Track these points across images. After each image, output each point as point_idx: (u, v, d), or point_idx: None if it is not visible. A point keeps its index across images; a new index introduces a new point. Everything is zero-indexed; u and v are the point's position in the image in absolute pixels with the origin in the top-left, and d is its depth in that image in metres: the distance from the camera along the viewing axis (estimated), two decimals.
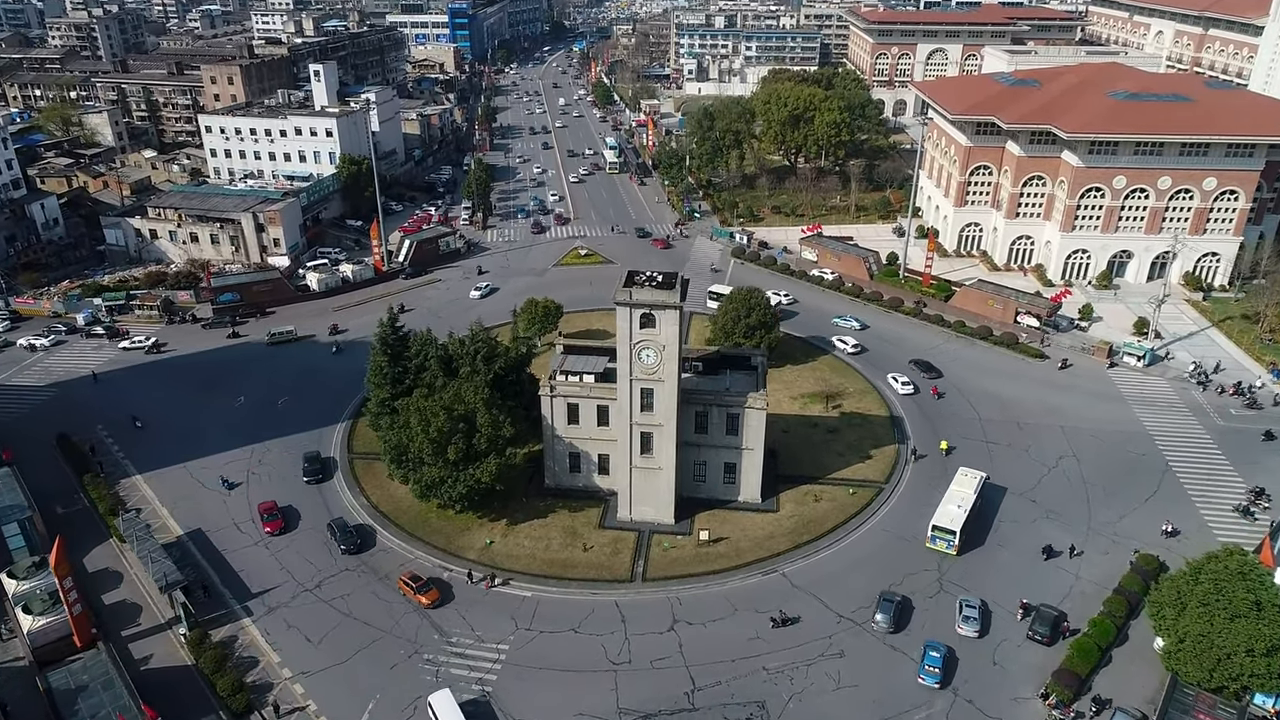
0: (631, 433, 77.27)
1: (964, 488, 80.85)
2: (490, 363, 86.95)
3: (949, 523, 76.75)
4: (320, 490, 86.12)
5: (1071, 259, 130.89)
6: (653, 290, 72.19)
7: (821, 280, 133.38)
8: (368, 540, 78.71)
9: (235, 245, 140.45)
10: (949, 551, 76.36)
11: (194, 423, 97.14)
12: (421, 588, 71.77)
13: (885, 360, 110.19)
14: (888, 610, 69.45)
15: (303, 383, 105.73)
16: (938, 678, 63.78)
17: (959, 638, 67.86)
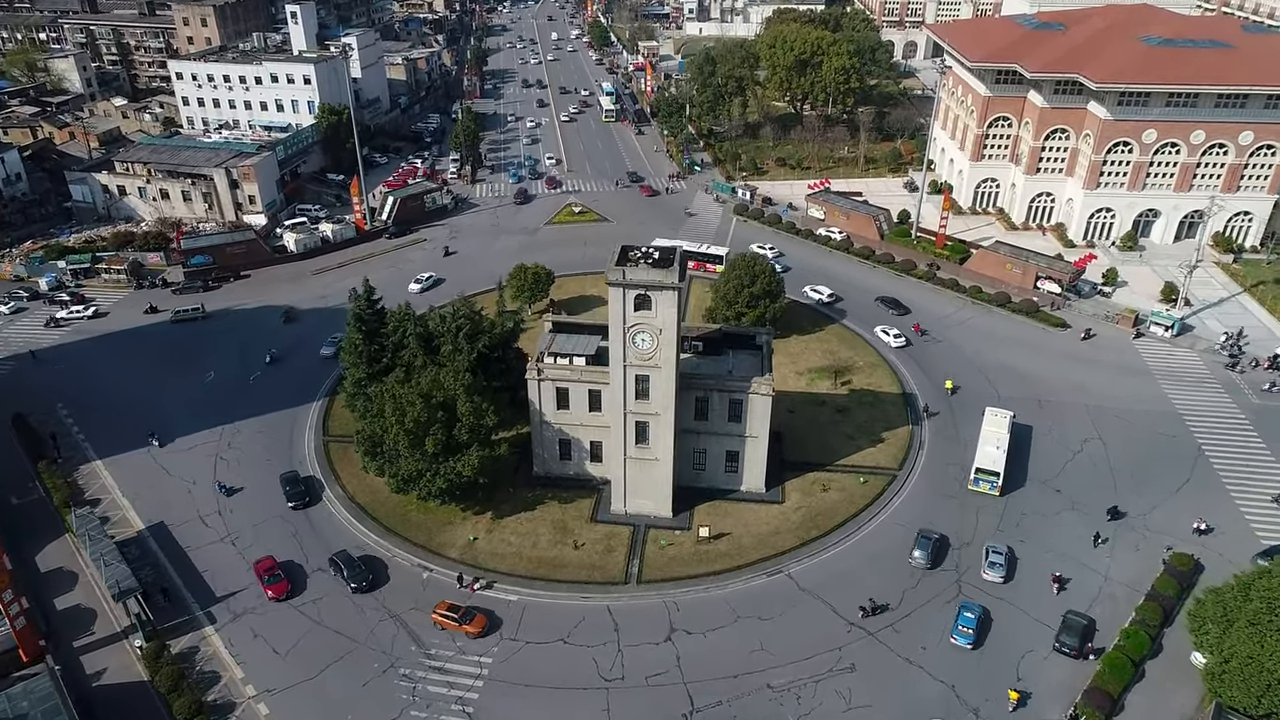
0: (626, 422, 71.15)
1: (997, 427, 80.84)
2: (474, 340, 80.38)
3: (991, 464, 77.03)
4: (308, 515, 77.02)
5: (1095, 218, 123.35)
6: (648, 269, 65.33)
7: (829, 240, 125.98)
8: (380, 575, 69.32)
9: (208, 203, 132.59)
10: (992, 493, 76.78)
11: (160, 401, 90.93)
12: (464, 617, 64.11)
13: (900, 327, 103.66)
14: (925, 547, 70.42)
15: (280, 355, 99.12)
16: (970, 638, 62.64)
17: (986, 582, 68.18)
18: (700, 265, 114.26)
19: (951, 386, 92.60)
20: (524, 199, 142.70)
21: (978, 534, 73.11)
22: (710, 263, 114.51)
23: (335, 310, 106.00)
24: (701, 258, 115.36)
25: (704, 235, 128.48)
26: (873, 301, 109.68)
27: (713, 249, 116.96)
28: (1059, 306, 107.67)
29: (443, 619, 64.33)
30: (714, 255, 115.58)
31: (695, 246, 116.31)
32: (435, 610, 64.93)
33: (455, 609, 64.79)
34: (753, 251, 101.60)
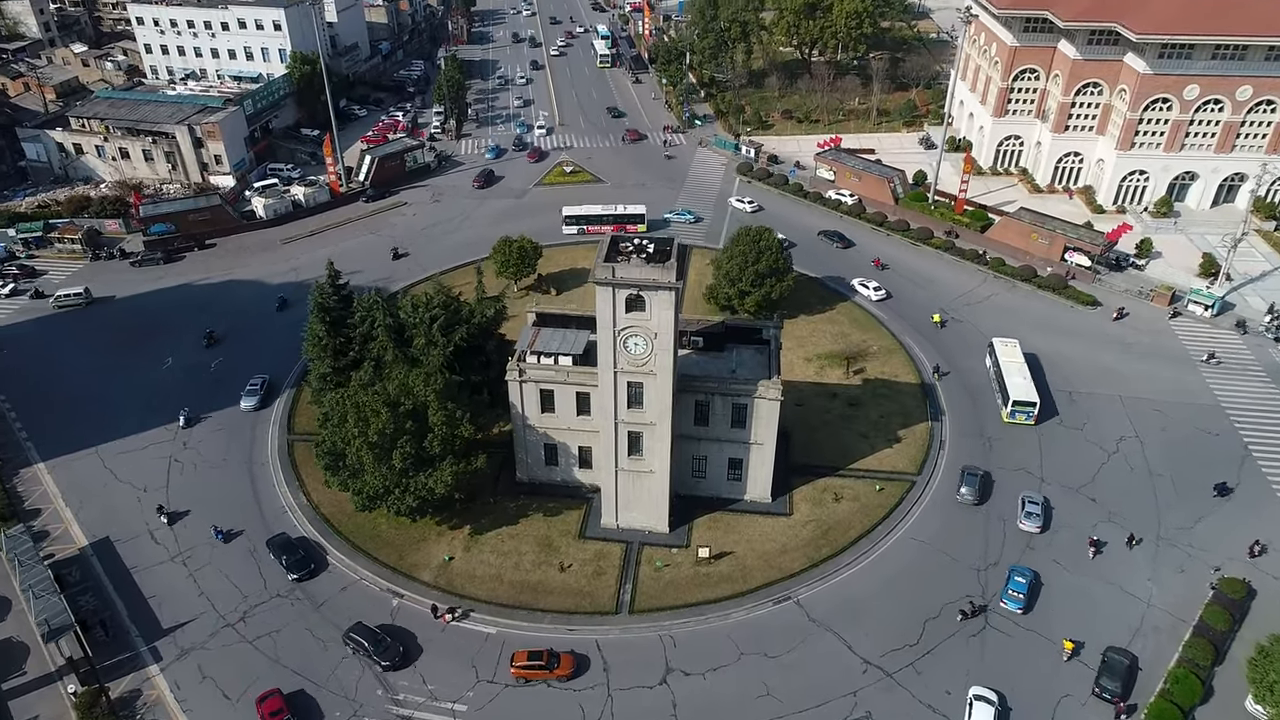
0: (617, 431, 63.72)
1: (1012, 357, 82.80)
2: (450, 332, 72.57)
3: (1026, 395, 78.19)
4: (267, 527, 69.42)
5: (1127, 181, 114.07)
6: (642, 265, 57.11)
7: (840, 205, 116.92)
8: (413, 648, 59.57)
9: (171, 163, 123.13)
10: (1028, 422, 78.07)
11: (111, 392, 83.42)
12: (549, 662, 57.39)
13: (914, 310, 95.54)
14: (972, 483, 70.79)
15: (243, 337, 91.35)
16: (1021, 603, 61.53)
17: (1020, 532, 67.56)
18: (619, 228, 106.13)
19: (939, 320, 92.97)
20: (483, 183, 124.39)
21: (1004, 554, 66.29)
22: (630, 223, 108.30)
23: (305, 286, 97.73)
24: (618, 219, 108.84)
25: (704, 199, 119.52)
26: (816, 236, 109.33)
27: (629, 208, 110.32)
28: (1072, 275, 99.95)
29: (525, 671, 57.14)
30: (632, 215, 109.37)
31: (607, 209, 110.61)
32: (513, 664, 57.52)
33: (536, 655, 57.46)
34: (757, 226, 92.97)
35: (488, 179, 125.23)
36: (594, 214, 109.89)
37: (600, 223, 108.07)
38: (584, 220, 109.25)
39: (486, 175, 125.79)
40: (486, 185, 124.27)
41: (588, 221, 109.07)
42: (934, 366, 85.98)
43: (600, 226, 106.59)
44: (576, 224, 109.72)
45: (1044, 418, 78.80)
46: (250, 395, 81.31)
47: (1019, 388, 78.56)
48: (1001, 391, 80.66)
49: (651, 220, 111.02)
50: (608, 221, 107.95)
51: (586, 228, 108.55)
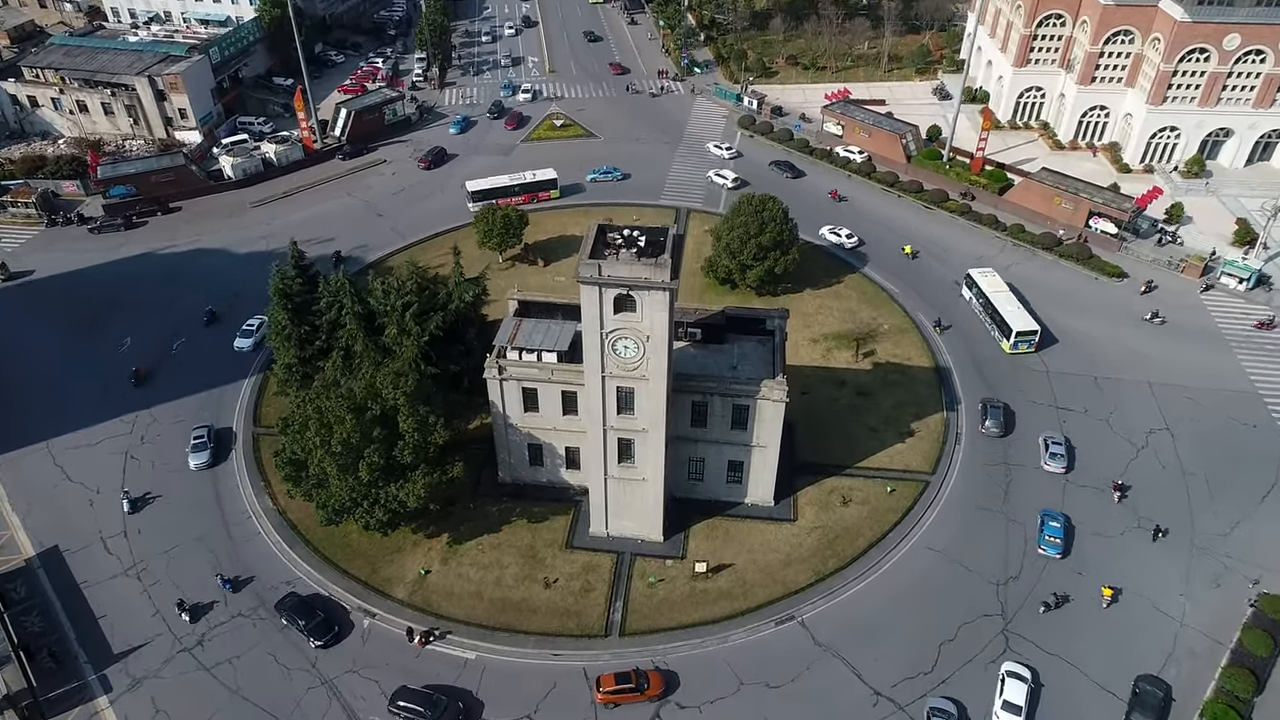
0: (606, 438, 58.03)
1: (997, 287, 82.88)
2: (425, 320, 66.41)
3: (1027, 324, 78.74)
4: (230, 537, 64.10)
5: (1156, 138, 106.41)
6: (632, 261, 50.62)
7: (848, 163, 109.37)
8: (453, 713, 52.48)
9: (133, 117, 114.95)
10: (1029, 350, 78.51)
11: (63, 378, 77.50)
12: (639, 684, 52.96)
13: (927, 286, 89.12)
14: (996, 416, 71.25)
15: (211, 315, 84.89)
16: (1059, 548, 61.23)
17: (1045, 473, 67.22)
18: (531, 197, 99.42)
19: (910, 251, 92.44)
20: (429, 162, 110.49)
21: (1025, 567, 61.31)
22: (541, 190, 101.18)
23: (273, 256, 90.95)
24: (528, 188, 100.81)
25: (702, 157, 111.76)
26: (769, 166, 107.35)
27: (539, 175, 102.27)
28: (1084, 239, 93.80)
29: (614, 696, 52.63)
30: (542, 182, 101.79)
31: (514, 179, 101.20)
32: (599, 689, 52.87)
33: (624, 678, 52.94)
34: (761, 194, 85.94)
35: (437, 158, 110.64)
36: (501, 186, 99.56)
37: (509, 194, 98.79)
38: (490, 194, 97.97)
39: (436, 154, 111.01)
40: (436, 165, 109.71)
41: (495, 195, 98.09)
42: (935, 320, 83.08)
43: (510, 199, 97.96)
44: (483, 199, 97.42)
45: (1044, 345, 79.75)
46: (198, 451, 69.30)
47: (1018, 317, 79.01)
48: (997, 324, 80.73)
49: (567, 185, 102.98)
50: (516, 192, 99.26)
51: (496, 201, 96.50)
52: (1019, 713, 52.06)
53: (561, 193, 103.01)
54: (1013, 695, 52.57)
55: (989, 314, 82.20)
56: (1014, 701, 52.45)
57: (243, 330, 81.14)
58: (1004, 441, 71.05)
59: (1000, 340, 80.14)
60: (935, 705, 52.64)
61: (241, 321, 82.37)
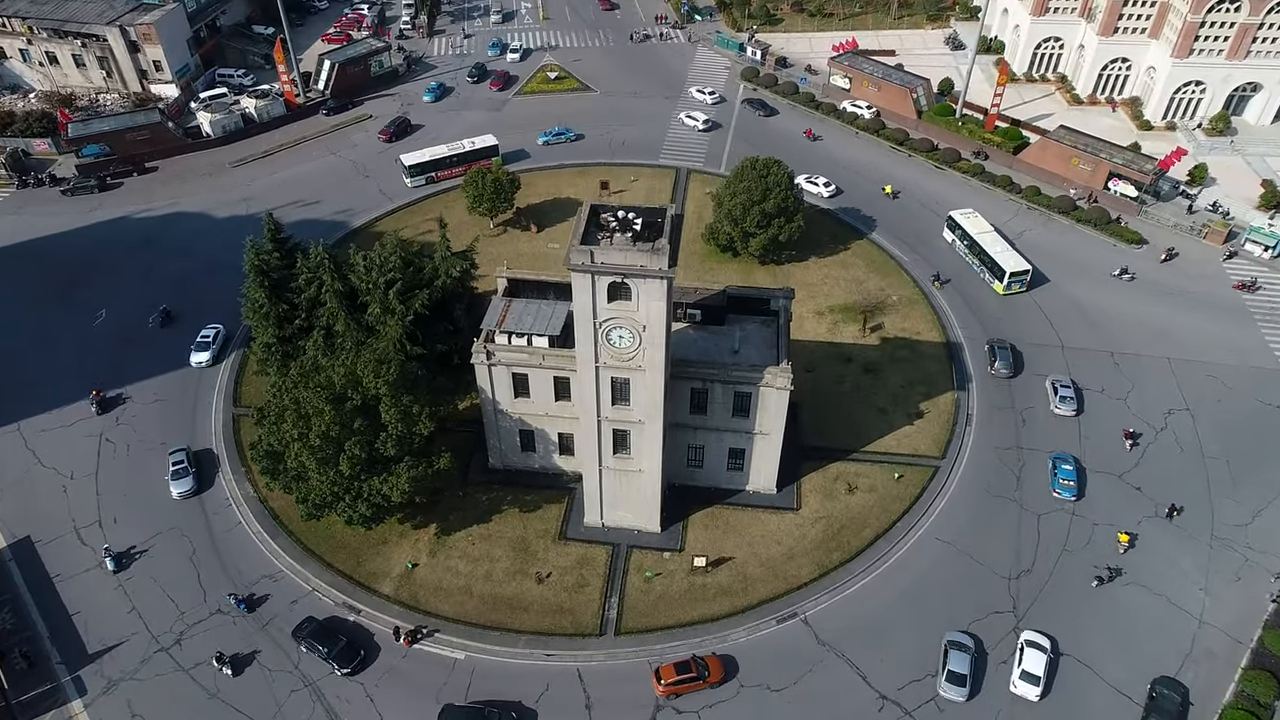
0: (600, 430, 54.97)
1: (981, 228, 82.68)
2: (409, 298, 62.83)
3: (1018, 265, 78.83)
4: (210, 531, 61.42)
5: (1180, 93, 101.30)
6: (627, 246, 46.90)
7: (856, 119, 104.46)
8: None
9: (106, 70, 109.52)
10: (1021, 290, 78.88)
11: (36, 353, 74.12)
12: (700, 671, 51.26)
13: (908, 228, 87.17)
14: (1005, 357, 71.65)
15: (188, 283, 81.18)
16: (1073, 490, 61.75)
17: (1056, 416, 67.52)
18: (470, 166, 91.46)
19: (891, 191, 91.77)
20: (398, 134, 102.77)
21: (1038, 558, 58.80)
22: (482, 158, 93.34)
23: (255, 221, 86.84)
24: (467, 158, 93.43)
25: (704, 106, 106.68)
26: (740, 104, 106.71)
27: (478, 142, 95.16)
28: (1093, 198, 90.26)
29: (676, 687, 50.82)
30: (482, 150, 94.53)
31: (453, 149, 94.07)
32: (661, 681, 50.84)
33: (684, 667, 51.19)
34: (765, 157, 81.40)
35: (400, 130, 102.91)
36: (439, 158, 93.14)
37: (448, 166, 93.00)
38: (429, 168, 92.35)
39: (399, 125, 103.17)
40: (397, 139, 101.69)
41: (434, 168, 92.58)
42: (933, 275, 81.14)
43: (450, 170, 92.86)
44: (421, 174, 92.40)
45: (1037, 283, 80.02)
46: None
47: (1008, 258, 79.15)
48: (986, 266, 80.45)
49: (509, 151, 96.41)
50: (456, 163, 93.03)
51: (436, 174, 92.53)
52: (1037, 683, 51.11)
53: (546, 154, 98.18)
54: (1031, 665, 51.62)
55: (976, 256, 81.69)
56: (1033, 671, 51.43)
57: (198, 343, 73.18)
58: (1013, 385, 70.23)
59: (992, 282, 79.72)
60: (953, 639, 52.88)
61: (203, 319, 75.89)
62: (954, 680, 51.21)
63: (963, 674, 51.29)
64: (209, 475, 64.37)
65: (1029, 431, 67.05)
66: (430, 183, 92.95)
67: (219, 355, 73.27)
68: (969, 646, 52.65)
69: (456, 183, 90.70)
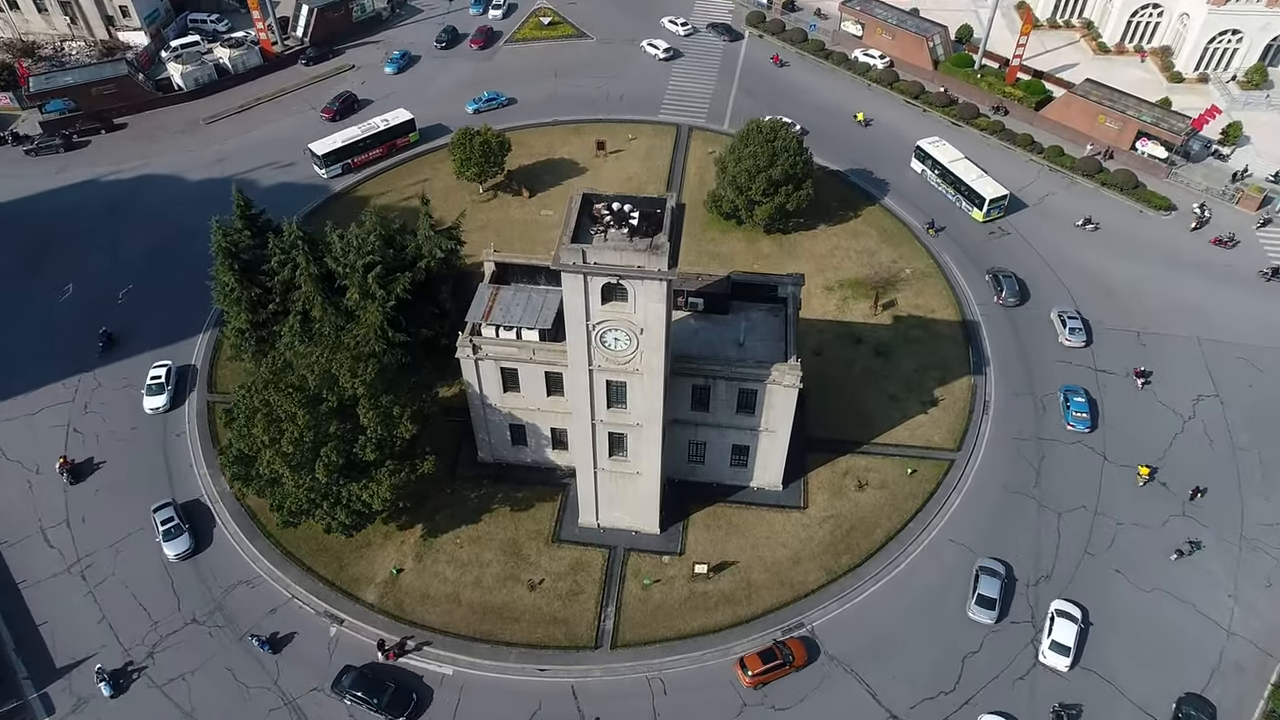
0: (595, 433, 51.23)
1: (953, 155, 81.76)
2: (390, 283, 58.51)
3: (997, 190, 78.06)
4: None
5: (1214, 43, 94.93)
6: (623, 244, 42.41)
7: (868, 69, 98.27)
8: None
9: (69, 15, 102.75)
10: (999, 215, 78.73)
11: None
12: (784, 657, 49.96)
13: (879, 158, 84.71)
14: (1010, 285, 71.67)
15: (162, 253, 76.61)
16: (1086, 423, 62.17)
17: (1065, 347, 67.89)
18: (388, 146, 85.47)
19: (863, 119, 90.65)
20: (343, 111, 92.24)
21: (1059, 562, 55.69)
22: (399, 136, 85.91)
23: None
24: (383, 137, 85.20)
25: (709, 58, 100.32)
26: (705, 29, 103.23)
27: (393, 118, 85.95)
28: (1110, 155, 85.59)
29: (764, 676, 49.43)
30: (399, 127, 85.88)
31: (366, 130, 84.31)
32: (749, 674, 49.32)
33: (769, 655, 49.87)
34: (771, 119, 76.13)
35: (347, 106, 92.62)
36: (353, 141, 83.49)
37: (365, 150, 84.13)
38: (343, 155, 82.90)
39: (345, 101, 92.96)
40: (342, 116, 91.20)
41: (349, 154, 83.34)
42: (928, 223, 78.89)
43: (367, 154, 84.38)
44: (335, 162, 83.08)
45: (1014, 208, 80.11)
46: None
47: (986, 185, 78.42)
48: (963, 195, 80.00)
49: (427, 126, 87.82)
50: (372, 145, 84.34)
51: (353, 160, 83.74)
52: (1067, 653, 50.32)
53: (538, 110, 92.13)
54: (1062, 635, 50.87)
55: (950, 185, 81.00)
56: (1063, 642, 50.61)
57: (150, 385, 64.06)
58: (1020, 315, 70.50)
59: (970, 210, 79.39)
60: (984, 565, 54.02)
61: (169, 303, 70.36)
62: (984, 604, 52.22)
63: (992, 598, 52.23)
64: (183, 467, 60.86)
65: (1040, 369, 66.86)
66: (347, 171, 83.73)
67: (176, 397, 64.66)
68: (999, 572, 53.67)
69: (443, 143, 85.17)
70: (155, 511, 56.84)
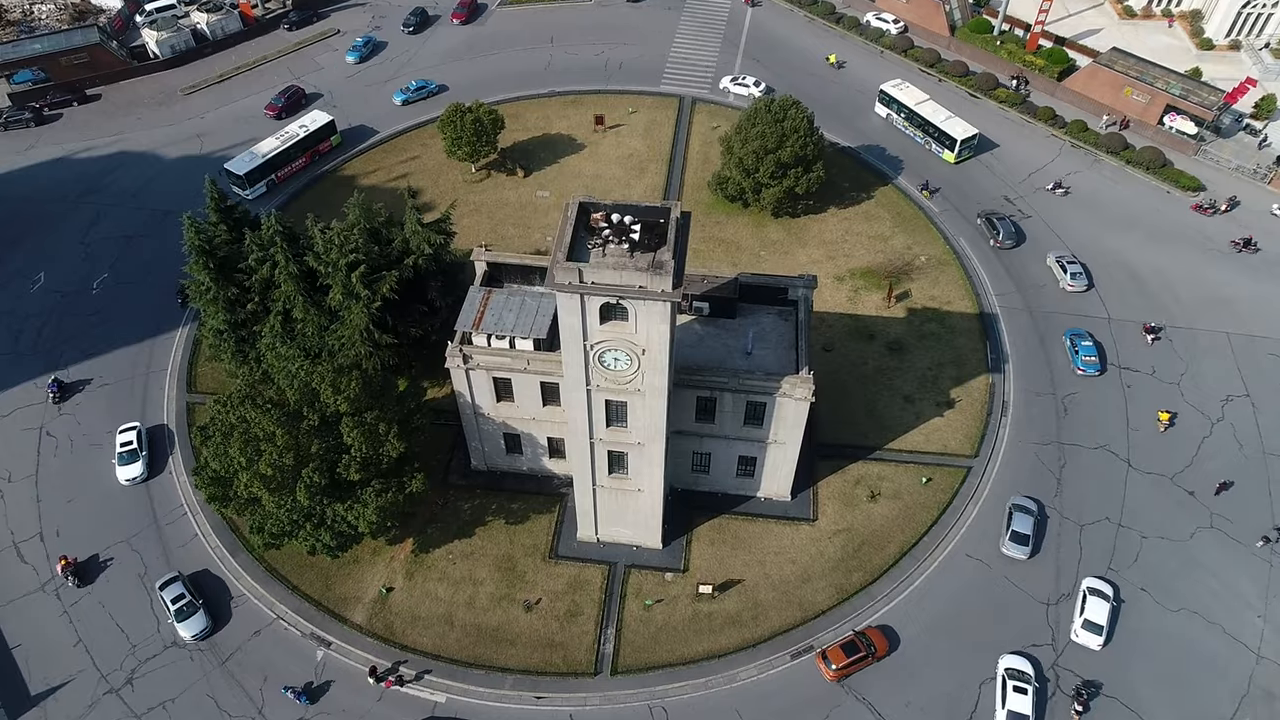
0: (594, 451, 48.16)
1: (918, 97, 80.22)
2: (375, 282, 54.95)
3: (967, 131, 77.34)
4: (161, 541, 57.04)
5: (1248, 7, 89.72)
6: (623, 261, 38.79)
7: (882, 36, 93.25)
8: None
9: None
10: (970, 155, 78.41)
11: None
12: (867, 647, 49.02)
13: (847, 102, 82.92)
14: (1007, 227, 71.50)
15: (139, 240, 73.00)
16: (1096, 366, 62.51)
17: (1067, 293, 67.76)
18: (310, 155, 77.93)
19: (835, 61, 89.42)
20: (287, 108, 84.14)
21: (1079, 579, 53.04)
22: (319, 142, 78.42)
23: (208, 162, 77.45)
24: (305, 146, 77.22)
25: (713, 22, 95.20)
26: None
27: (310, 122, 77.88)
28: (1126, 125, 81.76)
29: (847, 670, 48.50)
30: (319, 132, 77.73)
31: (286, 141, 75.98)
32: (833, 668, 48.19)
33: (851, 648, 48.84)
34: (781, 97, 71.27)
35: (291, 103, 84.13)
36: (274, 155, 74.99)
37: (288, 162, 76.09)
38: (262, 174, 73.92)
39: (291, 96, 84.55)
40: (288, 113, 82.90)
41: (270, 171, 74.75)
42: (922, 184, 76.67)
43: (291, 166, 76.50)
44: (259, 180, 74.66)
45: (983, 148, 79.65)
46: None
47: (956, 125, 77.67)
48: (933, 137, 79.01)
49: (349, 128, 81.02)
50: (296, 155, 76.46)
51: (277, 175, 75.72)
52: (1100, 632, 49.55)
53: (517, 89, 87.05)
54: (1094, 614, 50.06)
55: (918, 128, 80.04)
56: (1095, 621, 49.82)
57: (122, 453, 57.31)
58: (1019, 258, 70.46)
59: (941, 153, 78.70)
60: (1017, 502, 54.88)
61: (144, 299, 66.27)
62: (1017, 540, 53.16)
63: (1026, 534, 53.17)
64: (162, 476, 57.98)
65: (1044, 303, 66.95)
66: (272, 187, 75.60)
67: (152, 463, 58.21)
68: (1032, 509, 54.63)
69: (434, 115, 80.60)
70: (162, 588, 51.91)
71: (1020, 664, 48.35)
